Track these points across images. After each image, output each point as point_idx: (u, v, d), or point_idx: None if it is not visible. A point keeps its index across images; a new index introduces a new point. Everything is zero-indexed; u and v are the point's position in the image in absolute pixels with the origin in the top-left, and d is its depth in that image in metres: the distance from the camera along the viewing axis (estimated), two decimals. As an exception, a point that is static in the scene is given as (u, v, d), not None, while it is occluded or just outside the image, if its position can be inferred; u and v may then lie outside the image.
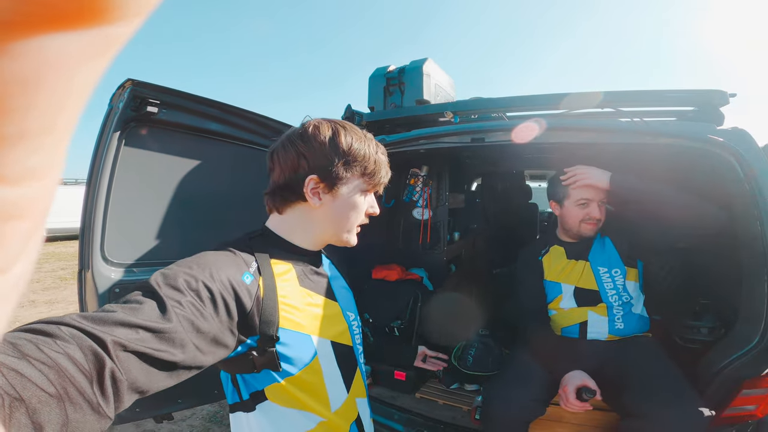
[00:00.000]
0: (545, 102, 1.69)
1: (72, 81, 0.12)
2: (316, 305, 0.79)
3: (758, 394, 1.23)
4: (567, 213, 1.59)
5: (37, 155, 0.12)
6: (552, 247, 1.70)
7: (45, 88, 0.11)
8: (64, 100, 0.12)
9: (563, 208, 1.60)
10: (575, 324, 1.58)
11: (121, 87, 1.25)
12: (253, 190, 0.92)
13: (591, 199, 1.52)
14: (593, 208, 1.52)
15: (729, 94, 1.49)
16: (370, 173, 0.80)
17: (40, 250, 0.15)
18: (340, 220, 0.80)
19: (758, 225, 1.24)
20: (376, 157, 0.80)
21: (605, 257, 1.60)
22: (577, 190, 1.53)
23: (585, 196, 1.52)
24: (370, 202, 0.84)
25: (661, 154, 1.60)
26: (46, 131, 0.12)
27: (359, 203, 0.80)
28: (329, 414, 0.77)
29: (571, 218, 1.58)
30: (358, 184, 0.79)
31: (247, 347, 0.67)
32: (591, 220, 1.54)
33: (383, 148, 0.85)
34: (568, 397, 1.27)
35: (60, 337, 0.40)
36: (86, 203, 1.30)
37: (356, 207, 0.80)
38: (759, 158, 1.28)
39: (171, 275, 0.58)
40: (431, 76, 2.13)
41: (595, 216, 1.52)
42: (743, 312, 1.33)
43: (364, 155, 0.78)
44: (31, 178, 0.12)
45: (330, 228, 0.81)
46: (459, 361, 2.02)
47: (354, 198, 0.79)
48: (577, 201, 1.54)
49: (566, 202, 1.57)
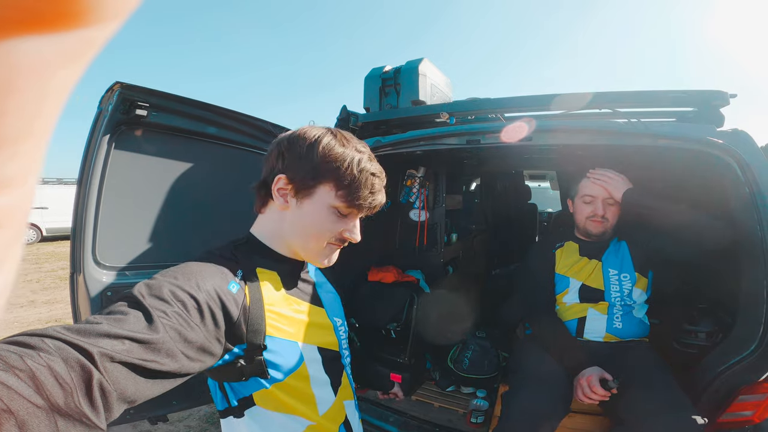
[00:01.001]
0: (543, 103, 1.67)
1: (47, 85, 0.12)
2: (303, 312, 0.79)
3: (755, 400, 1.22)
4: (576, 209, 1.65)
5: (13, 162, 0.12)
6: (567, 243, 1.73)
7: (18, 94, 0.11)
8: (39, 105, 0.12)
9: (574, 204, 1.66)
10: (574, 319, 1.58)
11: (110, 90, 1.24)
12: (244, 193, 0.90)
13: (595, 196, 1.55)
14: (597, 206, 1.55)
15: (729, 95, 1.46)
16: (346, 187, 0.71)
17: (22, 258, 0.15)
18: (303, 232, 0.75)
19: (758, 228, 1.22)
20: (356, 171, 0.71)
21: (618, 260, 1.61)
22: (585, 186, 1.58)
23: (589, 192, 1.56)
24: (347, 224, 0.75)
25: (660, 155, 1.58)
26: (21, 137, 0.12)
27: (326, 219, 0.73)
28: (317, 417, 0.78)
29: (578, 214, 1.63)
30: (329, 199, 0.72)
31: (234, 356, 0.67)
32: (596, 218, 1.56)
33: (377, 169, 0.75)
34: (592, 386, 1.26)
35: (44, 349, 0.40)
36: (77, 206, 1.30)
37: (322, 222, 0.73)
38: (759, 160, 1.26)
39: (155, 285, 0.57)
40: (427, 77, 2.11)
41: (599, 213, 1.55)
42: (741, 317, 1.32)
43: (339, 166, 0.71)
44: (8, 185, 0.12)
45: (296, 239, 0.76)
46: (455, 363, 2.02)
47: (321, 212, 0.73)
48: (582, 197, 1.59)
49: (576, 198, 1.63)
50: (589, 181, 1.57)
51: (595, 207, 1.55)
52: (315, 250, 0.76)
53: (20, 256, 0.14)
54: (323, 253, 0.77)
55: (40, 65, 0.11)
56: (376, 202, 0.75)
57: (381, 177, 0.76)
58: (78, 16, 0.10)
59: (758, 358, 1.19)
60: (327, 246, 0.76)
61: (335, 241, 0.76)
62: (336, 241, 0.76)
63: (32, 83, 0.11)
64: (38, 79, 0.11)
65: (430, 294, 2.19)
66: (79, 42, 0.11)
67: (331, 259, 0.78)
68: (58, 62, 0.11)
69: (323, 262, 0.78)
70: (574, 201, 1.65)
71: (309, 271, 0.87)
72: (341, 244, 0.77)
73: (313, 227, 0.74)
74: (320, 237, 0.74)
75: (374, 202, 0.75)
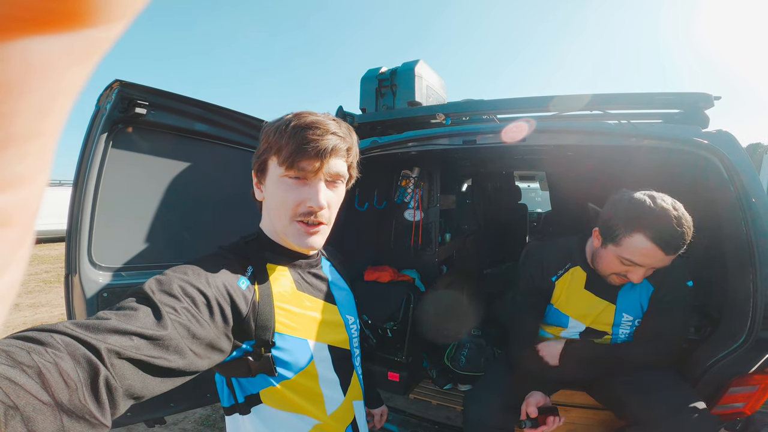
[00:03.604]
0: (535, 104, 1.70)
1: (58, 85, 0.12)
2: (314, 309, 0.78)
3: (746, 392, 1.25)
4: (604, 255, 1.26)
5: (24, 161, 0.12)
6: (574, 269, 1.40)
7: (30, 93, 0.11)
8: (50, 104, 0.12)
9: (605, 248, 1.25)
10: None
11: (109, 88, 1.23)
12: (243, 193, 0.90)
13: (641, 265, 1.18)
14: (635, 273, 1.19)
15: (714, 97, 1.52)
16: (281, 150, 0.67)
17: (30, 256, 0.15)
18: (272, 213, 0.73)
19: (743, 225, 1.27)
20: (285, 131, 0.67)
21: (635, 303, 1.34)
22: (634, 248, 1.16)
23: (638, 261, 1.17)
24: (307, 192, 0.69)
25: (646, 155, 1.62)
26: (33, 136, 0.12)
27: (280, 190, 0.70)
28: (325, 417, 0.77)
29: (604, 264, 1.27)
30: (276, 170, 0.70)
31: (243, 352, 0.67)
32: (624, 279, 1.25)
33: (312, 120, 0.68)
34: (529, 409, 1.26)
35: (52, 345, 0.40)
36: (73, 206, 1.27)
37: (279, 195, 0.70)
38: (743, 160, 1.31)
39: (165, 281, 0.57)
40: (423, 78, 2.14)
41: (633, 280, 1.21)
42: (729, 311, 1.36)
43: (272, 134, 0.69)
44: (19, 184, 0.12)
45: (273, 223, 0.74)
46: (452, 361, 2.03)
47: (276, 185, 0.70)
48: (622, 257, 1.20)
49: (613, 247, 1.22)
50: (641, 249, 1.14)
51: (632, 273, 1.20)
52: (285, 231, 0.72)
53: (28, 256, 0.14)
54: (293, 232, 0.72)
55: (51, 65, 0.11)
56: (318, 151, 0.67)
57: (320, 126, 0.68)
58: (86, 16, 0.11)
59: (747, 350, 1.23)
60: (293, 224, 0.71)
61: (300, 218, 0.71)
62: (301, 216, 0.70)
63: (44, 83, 0.11)
64: (49, 78, 0.11)
65: (426, 293, 2.21)
66: (87, 42, 0.12)
67: (312, 241, 0.73)
68: (67, 62, 0.12)
69: (299, 243, 0.73)
70: (607, 246, 1.23)
71: (323, 267, 0.86)
72: (308, 219, 0.71)
73: (274, 204, 0.71)
74: (281, 212, 0.71)
75: (315, 153, 0.67)
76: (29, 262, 1.23)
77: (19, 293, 4.70)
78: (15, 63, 0.10)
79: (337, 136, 0.69)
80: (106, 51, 0.13)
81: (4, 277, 0.13)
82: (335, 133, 0.69)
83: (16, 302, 4.72)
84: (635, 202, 1.17)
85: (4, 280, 0.13)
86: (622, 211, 1.19)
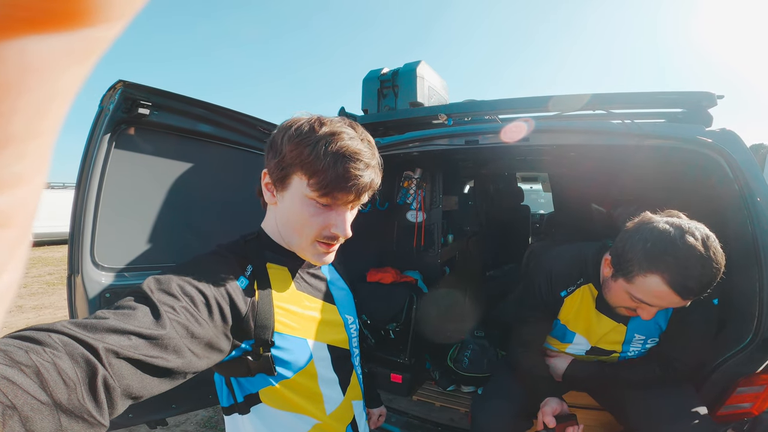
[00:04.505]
0: (537, 104, 1.70)
1: (56, 85, 0.12)
2: (313, 309, 0.78)
3: (753, 392, 1.24)
4: (614, 287, 1.15)
5: (22, 161, 0.12)
6: (586, 286, 1.30)
7: (28, 92, 0.11)
8: (48, 104, 0.12)
9: (615, 281, 1.14)
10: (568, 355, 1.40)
11: (112, 88, 1.23)
12: (246, 194, 0.89)
13: (653, 306, 1.07)
14: (646, 311, 1.09)
15: (717, 96, 1.51)
16: (316, 175, 0.64)
17: (28, 257, 0.15)
18: (288, 227, 0.72)
19: (748, 224, 1.26)
20: (324, 155, 0.63)
21: (650, 324, 1.25)
22: (642, 290, 1.05)
23: (647, 301, 1.06)
24: (332, 218, 0.68)
25: (650, 155, 1.62)
26: (30, 136, 0.12)
27: (304, 212, 0.68)
28: (324, 417, 0.77)
29: (613, 296, 1.18)
30: (303, 189, 0.66)
31: (242, 351, 0.66)
32: (633, 312, 1.15)
33: (355, 149, 0.64)
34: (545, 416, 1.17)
35: (50, 344, 0.40)
36: (76, 206, 1.27)
37: (301, 215, 0.68)
38: (748, 159, 1.30)
39: (164, 280, 0.57)
40: (425, 79, 2.14)
41: (642, 317, 1.11)
42: (735, 311, 1.34)
43: (304, 151, 0.64)
44: (16, 184, 0.12)
45: (285, 234, 0.73)
46: (455, 363, 2.02)
47: (298, 204, 0.68)
48: (632, 295, 1.08)
49: (622, 281, 1.10)
50: (655, 291, 1.02)
51: (642, 311, 1.10)
52: (302, 247, 0.72)
53: (26, 257, 0.14)
54: (311, 251, 0.72)
55: (49, 65, 0.11)
56: (357, 187, 0.64)
57: (361, 159, 0.64)
58: (84, 16, 0.11)
59: (754, 350, 1.22)
60: (314, 244, 0.70)
61: (323, 240, 0.70)
62: (324, 239, 0.70)
63: (42, 83, 0.11)
64: (47, 78, 0.11)
65: (429, 294, 2.20)
66: (85, 42, 0.11)
67: (326, 258, 0.73)
68: (65, 62, 0.11)
69: (316, 260, 0.73)
70: (618, 280, 1.11)
71: (322, 267, 0.86)
72: (330, 242, 0.70)
73: (295, 221, 0.69)
74: (303, 232, 0.70)
75: (354, 189, 0.64)
76: (33, 265, 1.24)
77: (23, 295, 4.71)
78: (13, 62, 0.10)
79: (374, 171, 0.68)
80: (104, 51, 0.13)
81: (2, 277, 0.13)
82: (374, 167, 0.67)
83: (20, 304, 4.74)
84: (657, 235, 0.99)
85: (2, 280, 0.13)
86: (640, 243, 1.02)
